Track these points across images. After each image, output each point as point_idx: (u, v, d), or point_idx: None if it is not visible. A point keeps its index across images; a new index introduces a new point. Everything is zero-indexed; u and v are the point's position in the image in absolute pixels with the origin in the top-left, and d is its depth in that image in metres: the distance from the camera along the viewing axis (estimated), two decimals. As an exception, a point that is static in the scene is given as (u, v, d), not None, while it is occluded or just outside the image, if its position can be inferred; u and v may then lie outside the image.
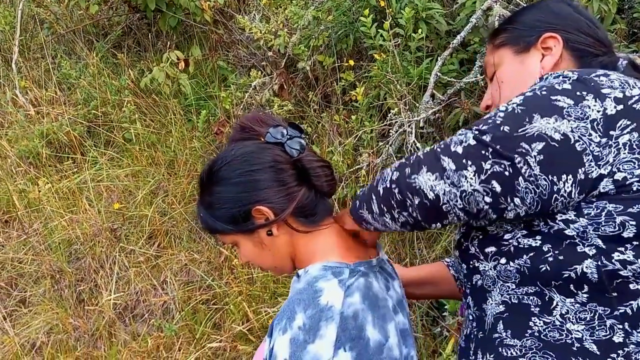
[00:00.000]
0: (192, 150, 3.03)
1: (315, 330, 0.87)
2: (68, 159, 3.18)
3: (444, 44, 2.52)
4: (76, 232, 2.81)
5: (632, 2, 2.48)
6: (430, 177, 0.82)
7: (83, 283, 2.70)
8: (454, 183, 0.80)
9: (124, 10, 3.82)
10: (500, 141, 0.79)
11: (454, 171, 0.80)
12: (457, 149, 0.82)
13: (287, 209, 0.98)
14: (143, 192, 2.90)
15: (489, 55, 1.12)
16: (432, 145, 0.90)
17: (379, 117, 2.61)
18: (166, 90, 3.13)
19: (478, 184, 0.79)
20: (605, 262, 0.80)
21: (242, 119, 1.07)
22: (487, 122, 0.83)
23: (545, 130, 0.78)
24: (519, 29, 1.07)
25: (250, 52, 3.36)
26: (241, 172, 0.98)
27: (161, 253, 2.73)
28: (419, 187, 0.83)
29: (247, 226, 1.00)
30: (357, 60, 2.79)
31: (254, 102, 2.96)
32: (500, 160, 0.78)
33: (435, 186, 0.81)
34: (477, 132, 0.82)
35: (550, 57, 1.00)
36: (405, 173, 0.86)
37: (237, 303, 2.39)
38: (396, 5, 2.50)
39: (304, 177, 1.01)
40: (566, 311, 0.84)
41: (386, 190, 0.89)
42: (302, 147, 1.01)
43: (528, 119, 0.80)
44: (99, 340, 2.49)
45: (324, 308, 0.89)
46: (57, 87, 3.48)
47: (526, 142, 0.78)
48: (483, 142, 0.80)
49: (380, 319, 0.95)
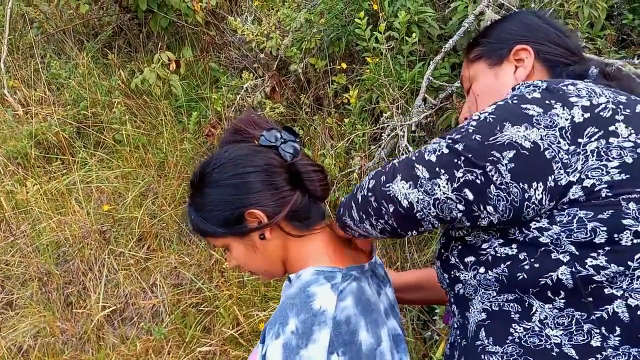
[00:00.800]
0: (182, 152, 3.01)
1: (308, 335, 0.86)
2: (57, 159, 3.15)
3: (435, 48, 2.52)
4: (65, 234, 2.78)
5: (621, 8, 2.50)
6: (404, 185, 0.85)
7: (71, 286, 2.67)
8: (427, 191, 0.83)
9: (114, 10, 3.79)
10: (472, 150, 0.81)
11: (428, 179, 0.83)
12: (430, 158, 0.84)
13: (280, 212, 0.97)
14: (133, 194, 2.88)
15: (464, 69, 1.15)
16: (408, 154, 0.92)
17: (371, 120, 2.61)
18: (157, 92, 3.11)
19: (451, 192, 0.82)
20: (579, 268, 0.81)
21: (236, 121, 1.06)
22: (460, 132, 0.85)
23: (515, 139, 0.80)
24: (492, 42, 1.10)
25: (242, 54, 3.35)
26: (234, 175, 0.97)
27: (151, 255, 2.71)
28: (394, 195, 0.86)
29: (239, 229, 0.99)
30: (349, 63, 2.79)
31: (245, 104, 2.94)
32: (472, 168, 0.80)
33: (409, 194, 0.84)
34: (450, 141, 0.84)
35: (523, 69, 1.03)
36: (380, 181, 0.88)
37: (227, 306, 2.37)
38: (389, 9, 2.50)
39: (298, 181, 1.01)
40: (545, 317, 0.85)
41: (364, 198, 0.92)
42: (296, 151, 1.01)
43: (499, 127, 0.82)
44: (87, 344, 2.47)
45: (317, 312, 0.88)
46: (47, 87, 3.44)
47: (497, 151, 0.80)
48: (455, 151, 0.82)
49: (373, 323, 0.94)
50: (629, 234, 0.79)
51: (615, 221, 0.79)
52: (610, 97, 0.85)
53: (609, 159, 0.80)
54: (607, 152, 0.80)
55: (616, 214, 0.79)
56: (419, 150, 0.88)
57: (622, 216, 0.79)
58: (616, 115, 0.83)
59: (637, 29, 2.41)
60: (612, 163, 0.80)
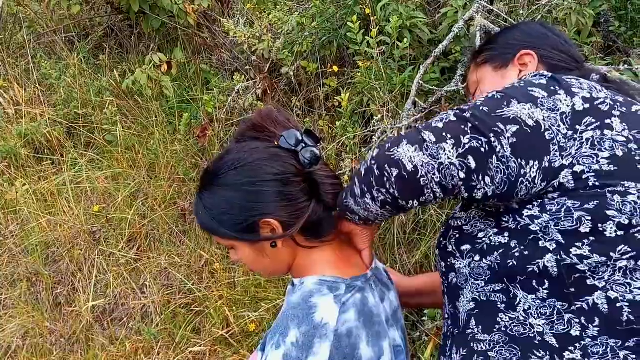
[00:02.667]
0: (173, 153, 3.02)
1: (309, 348, 0.86)
2: (47, 160, 3.14)
3: (426, 53, 2.55)
4: (54, 234, 2.77)
5: (607, 16, 2.55)
6: (410, 148, 0.85)
7: (60, 286, 2.66)
8: (433, 155, 0.83)
9: (106, 11, 3.79)
10: (479, 119, 0.84)
11: (434, 143, 0.84)
12: (437, 125, 0.86)
13: (295, 225, 0.95)
14: (123, 194, 2.88)
15: (471, 74, 1.22)
16: None
17: (362, 123, 2.63)
18: (148, 93, 3.11)
19: (455, 157, 0.83)
20: (564, 256, 0.85)
21: (257, 115, 1.01)
22: (468, 104, 0.89)
23: (520, 115, 0.84)
24: (499, 48, 1.18)
25: (234, 56, 3.36)
26: (251, 182, 0.94)
27: (141, 256, 2.71)
28: (398, 158, 0.85)
29: (252, 237, 0.96)
30: (340, 66, 2.81)
31: (236, 106, 2.95)
32: (478, 136, 0.83)
33: (414, 157, 0.84)
34: (457, 110, 0.87)
35: (527, 73, 1.06)
36: (385, 147, 0.89)
37: (217, 307, 2.38)
38: (381, 14, 2.53)
39: (314, 191, 0.98)
40: (528, 307, 0.88)
41: (367, 169, 0.91)
42: (316, 159, 0.97)
43: (506, 103, 0.86)
44: (76, 344, 2.46)
45: (318, 325, 0.88)
46: (37, 87, 3.43)
47: (502, 123, 0.83)
48: (463, 118, 0.85)
49: (375, 336, 0.94)
50: (613, 225, 0.83)
51: (600, 211, 0.83)
52: (609, 94, 0.90)
53: (602, 149, 0.85)
54: (601, 143, 0.85)
55: (601, 205, 0.83)
56: (427, 121, 0.89)
57: (607, 207, 0.83)
58: (613, 111, 0.88)
59: (623, 36, 2.45)
60: (604, 154, 0.84)
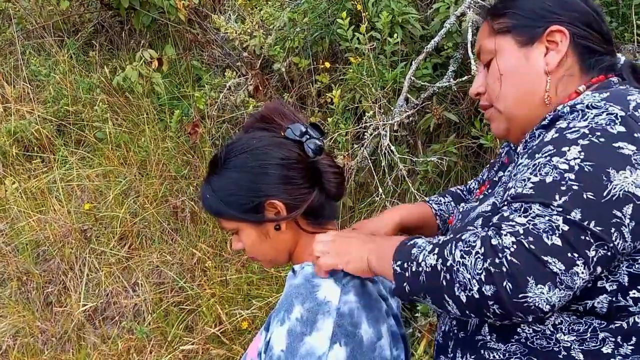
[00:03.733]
0: (164, 150, 3.00)
1: (313, 323, 0.89)
2: (37, 157, 3.11)
3: (418, 49, 2.55)
4: (45, 233, 2.75)
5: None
6: (543, 289, 0.70)
7: (51, 285, 2.64)
8: (569, 286, 0.71)
9: (96, 7, 3.75)
10: (593, 216, 0.71)
11: (565, 272, 0.70)
12: (554, 241, 0.71)
13: (299, 207, 0.99)
14: (114, 192, 2.86)
15: (486, 38, 1.01)
16: (505, 229, 0.74)
17: (354, 119, 2.62)
18: (139, 90, 3.09)
19: (587, 275, 0.72)
20: (620, 298, 0.78)
21: (265, 108, 1.07)
22: (561, 192, 0.73)
23: (628, 188, 0.72)
24: (524, 16, 0.97)
25: (225, 52, 3.34)
26: (259, 164, 0.98)
27: (132, 254, 2.69)
28: (533, 305, 0.71)
29: (257, 217, 1.00)
30: (332, 62, 2.80)
31: (228, 103, 2.94)
32: (602, 242, 0.71)
33: (552, 298, 0.71)
34: (562, 212, 0.72)
35: (556, 54, 0.93)
36: (507, 289, 0.71)
37: (209, 305, 2.37)
38: (372, 9, 2.52)
39: (317, 179, 1.02)
40: (560, 322, 0.81)
41: (478, 302, 0.74)
42: (320, 149, 1.01)
43: (605, 177, 0.73)
44: (68, 344, 2.45)
45: (321, 302, 0.91)
46: (26, 84, 3.40)
47: (617, 208, 0.72)
48: (577, 225, 0.71)
49: (373, 319, 0.96)
50: None
51: None
52: None
53: None
54: None
55: None
56: (526, 229, 0.72)
57: None
58: None
59: (615, 31, 2.45)
60: None
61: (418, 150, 2.53)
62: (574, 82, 0.94)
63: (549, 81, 0.93)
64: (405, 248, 0.85)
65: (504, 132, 0.99)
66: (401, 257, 0.84)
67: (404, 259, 0.84)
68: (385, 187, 2.35)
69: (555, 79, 0.93)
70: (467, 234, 0.79)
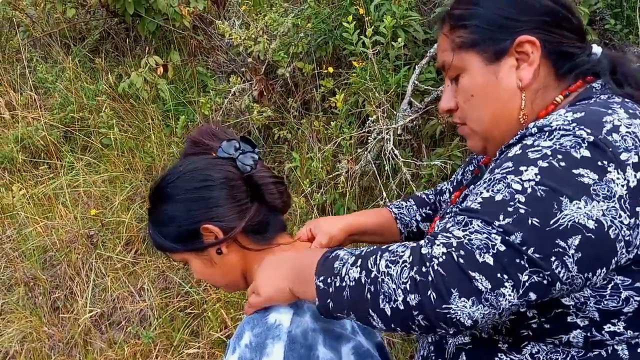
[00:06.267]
0: (170, 156, 3.02)
1: (262, 349, 0.86)
2: (44, 164, 3.13)
3: (421, 52, 2.55)
4: (51, 238, 2.77)
5: (603, 14, 2.54)
6: (466, 303, 0.68)
7: (58, 290, 2.66)
8: (493, 304, 0.68)
9: (101, 14, 3.79)
10: (534, 242, 0.68)
11: (491, 291, 0.68)
12: (486, 259, 0.68)
13: (236, 227, 0.95)
14: (120, 198, 2.87)
15: (447, 52, 0.91)
16: (440, 239, 0.72)
17: (358, 124, 2.63)
18: (144, 96, 3.11)
19: (516, 299, 0.69)
20: (594, 333, 0.75)
21: (194, 133, 1.04)
22: (508, 213, 0.69)
23: (578, 219, 0.68)
24: (484, 28, 0.86)
25: (230, 58, 3.36)
26: (189, 189, 0.95)
27: (138, 260, 2.71)
28: (455, 317, 0.69)
29: (195, 245, 0.97)
30: (336, 67, 2.81)
31: (233, 108, 2.95)
32: (539, 269, 0.68)
33: (474, 313, 0.69)
34: (502, 233, 0.68)
35: (529, 67, 0.85)
36: (430, 299, 0.69)
37: (215, 310, 2.37)
38: (375, 14, 2.53)
39: (256, 193, 0.98)
40: (537, 351, 0.79)
41: (403, 312, 0.71)
42: (254, 163, 0.98)
43: (556, 204, 0.68)
44: (74, 349, 2.46)
45: (270, 326, 0.88)
46: (33, 91, 3.43)
47: (561, 238, 0.68)
48: (514, 248, 0.68)
49: (333, 339, 0.93)
50: None
51: None
52: None
53: None
54: None
55: None
56: (460, 243, 0.70)
57: None
58: None
59: (619, 33, 2.45)
60: None
61: (422, 154, 2.53)
62: (550, 93, 0.87)
63: (524, 98, 0.86)
64: (328, 262, 0.81)
65: (482, 149, 0.95)
66: (324, 272, 0.80)
67: (327, 273, 0.79)
68: (390, 191, 2.35)
69: (530, 93, 0.86)
70: (395, 245, 0.76)
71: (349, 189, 2.43)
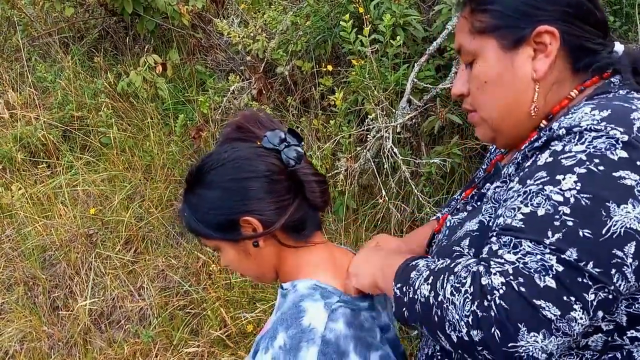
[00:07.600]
0: (169, 154, 3.01)
1: (296, 351, 0.85)
2: (43, 163, 3.13)
3: (420, 50, 2.55)
4: (51, 237, 2.76)
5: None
6: (537, 337, 0.64)
7: (57, 290, 2.66)
8: (566, 332, 0.64)
9: (100, 13, 3.78)
10: (591, 256, 0.64)
11: (561, 317, 0.63)
12: (547, 282, 0.64)
13: (276, 222, 0.93)
14: (119, 196, 2.87)
15: (465, 36, 0.90)
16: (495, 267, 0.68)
17: (357, 122, 2.62)
18: (143, 94, 3.10)
19: (588, 320, 0.65)
20: (616, 338, 0.73)
21: (240, 117, 1.00)
22: (555, 227, 0.66)
23: (630, 224, 0.65)
24: (507, 14, 0.85)
25: (229, 57, 3.35)
26: (232, 179, 0.93)
27: (138, 258, 2.70)
28: (526, 355, 0.65)
29: (233, 235, 0.95)
30: (335, 65, 2.80)
31: (232, 107, 2.95)
32: (601, 284, 0.64)
33: (548, 346, 0.64)
34: (556, 252, 0.65)
35: (545, 58, 0.83)
36: (495, 337, 0.65)
37: (214, 309, 2.37)
38: (374, 12, 2.52)
39: (298, 189, 0.96)
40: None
41: (468, 345, 0.69)
42: (299, 157, 0.95)
43: (604, 211, 0.65)
44: (74, 348, 2.46)
45: (305, 329, 0.87)
46: (32, 90, 3.42)
47: (617, 247, 0.64)
48: (573, 266, 0.64)
49: (364, 347, 0.93)
50: None
51: None
52: None
53: None
54: None
55: None
56: (517, 269, 0.66)
57: None
58: None
59: (618, 30, 2.44)
60: None
61: (421, 152, 2.52)
62: (565, 87, 0.85)
63: (537, 90, 0.84)
64: (407, 269, 0.81)
65: (490, 139, 0.94)
66: (401, 280, 0.80)
67: (404, 282, 0.79)
68: (389, 189, 2.35)
69: (544, 86, 0.84)
70: (460, 266, 0.73)
71: (348, 187, 2.42)
